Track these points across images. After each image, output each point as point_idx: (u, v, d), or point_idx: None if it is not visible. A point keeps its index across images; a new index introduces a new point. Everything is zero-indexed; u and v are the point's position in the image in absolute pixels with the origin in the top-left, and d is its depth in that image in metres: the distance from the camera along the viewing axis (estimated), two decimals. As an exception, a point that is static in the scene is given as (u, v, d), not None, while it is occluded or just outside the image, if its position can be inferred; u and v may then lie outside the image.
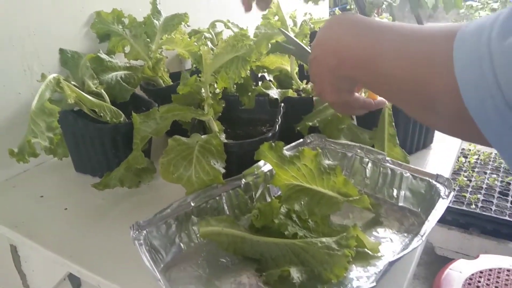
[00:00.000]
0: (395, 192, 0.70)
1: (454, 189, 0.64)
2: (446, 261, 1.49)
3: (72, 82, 0.78)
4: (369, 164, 0.73)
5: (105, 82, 0.80)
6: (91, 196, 0.77)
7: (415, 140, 0.86)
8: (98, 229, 0.69)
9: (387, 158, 0.71)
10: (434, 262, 1.88)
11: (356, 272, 0.56)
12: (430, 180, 0.66)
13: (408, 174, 0.69)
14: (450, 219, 1.80)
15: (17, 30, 0.81)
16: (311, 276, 0.53)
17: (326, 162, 0.64)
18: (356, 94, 0.59)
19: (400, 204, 0.69)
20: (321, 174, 0.63)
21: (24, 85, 0.84)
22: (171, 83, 0.97)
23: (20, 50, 0.83)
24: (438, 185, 0.65)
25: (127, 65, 0.87)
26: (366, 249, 0.59)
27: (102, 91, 0.79)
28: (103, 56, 0.83)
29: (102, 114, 0.76)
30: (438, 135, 0.92)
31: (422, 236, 0.54)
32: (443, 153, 0.89)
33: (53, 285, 0.94)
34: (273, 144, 0.63)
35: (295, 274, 0.52)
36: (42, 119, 0.67)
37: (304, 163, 0.62)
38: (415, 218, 0.67)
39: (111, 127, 0.76)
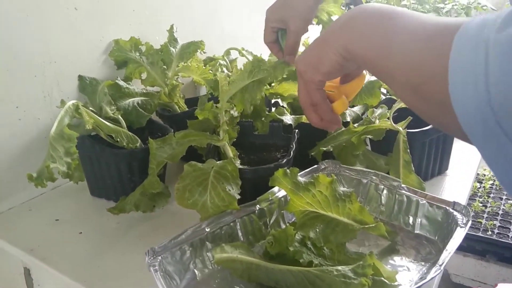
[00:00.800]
0: (411, 220, 0.69)
1: (471, 217, 0.63)
2: (462, 289, 1.45)
3: (90, 108, 0.80)
4: (385, 191, 0.73)
5: (122, 108, 0.82)
6: (105, 221, 0.78)
7: (430, 166, 0.85)
8: (112, 254, 0.69)
9: (403, 185, 0.71)
10: (450, 291, 1.83)
11: (373, 302, 0.55)
12: (447, 207, 0.66)
13: (424, 201, 0.68)
14: (466, 245, 1.76)
15: (39, 57, 0.84)
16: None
17: (341, 189, 0.63)
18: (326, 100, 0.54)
19: (417, 231, 0.68)
20: (336, 201, 0.62)
21: (43, 110, 0.86)
22: (187, 109, 0.98)
23: (41, 76, 0.85)
24: (455, 213, 0.64)
25: (144, 91, 0.89)
26: (382, 278, 0.58)
27: (119, 116, 0.80)
28: (121, 82, 0.85)
29: (118, 140, 0.77)
30: (453, 161, 0.91)
31: (440, 265, 0.53)
32: (458, 179, 0.88)
33: (65, 310, 0.94)
34: (287, 170, 0.63)
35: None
36: (60, 144, 0.68)
37: (319, 190, 0.62)
38: (432, 246, 0.66)
39: (127, 152, 0.77)
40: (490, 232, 1.74)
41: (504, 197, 1.98)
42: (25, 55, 0.82)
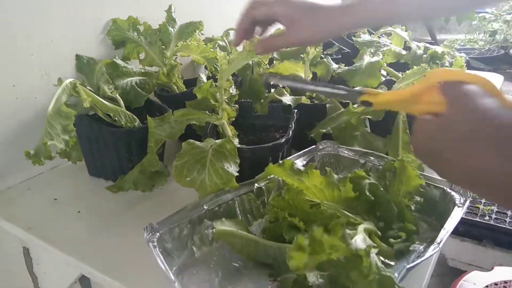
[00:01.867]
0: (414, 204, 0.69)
1: (469, 197, 0.63)
2: (458, 273, 1.47)
3: (88, 88, 0.79)
4: (383, 171, 0.72)
5: (120, 87, 0.81)
6: (104, 200, 0.78)
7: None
8: (110, 232, 0.69)
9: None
10: (447, 274, 1.84)
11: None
12: (445, 188, 0.66)
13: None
14: (463, 230, 1.77)
15: (36, 37, 0.83)
16: (328, 280, 0.53)
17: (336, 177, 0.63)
18: None
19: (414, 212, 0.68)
20: (332, 191, 0.62)
21: (41, 89, 0.86)
22: (185, 89, 0.98)
23: (38, 56, 0.84)
24: (452, 193, 0.64)
25: (142, 71, 0.88)
26: (380, 256, 0.58)
27: (117, 96, 0.79)
28: (119, 61, 0.84)
29: (116, 119, 0.76)
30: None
31: (438, 243, 0.53)
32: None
33: (65, 287, 0.95)
34: (280, 162, 0.63)
35: (311, 278, 0.51)
36: (58, 122, 0.68)
37: (313, 183, 0.62)
38: (429, 226, 0.66)
39: (126, 131, 0.77)
40: (487, 217, 1.75)
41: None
42: (22, 34, 0.81)
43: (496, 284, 1.19)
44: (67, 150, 0.71)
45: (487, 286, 1.19)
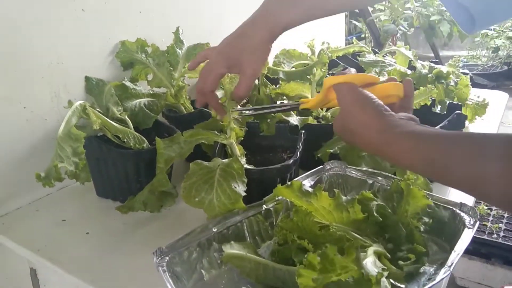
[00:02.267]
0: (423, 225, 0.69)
1: (478, 217, 0.63)
2: (467, 292, 1.45)
3: (97, 109, 0.80)
4: (391, 192, 0.72)
5: (129, 109, 0.82)
6: (112, 221, 0.78)
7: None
8: (119, 254, 0.69)
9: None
10: (455, 294, 1.82)
11: (381, 303, 0.54)
12: (454, 208, 0.65)
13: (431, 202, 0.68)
14: (471, 248, 1.75)
15: (46, 58, 0.85)
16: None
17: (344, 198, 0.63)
18: None
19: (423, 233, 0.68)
20: (341, 213, 0.62)
21: (50, 111, 0.87)
22: (193, 110, 0.99)
23: (48, 78, 0.86)
24: (462, 214, 0.64)
25: (150, 92, 0.89)
26: (390, 279, 0.58)
27: (126, 117, 0.80)
28: (128, 83, 0.86)
29: (125, 140, 0.77)
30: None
31: (449, 266, 0.53)
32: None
33: (71, 310, 0.94)
34: (289, 183, 0.63)
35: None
36: (68, 144, 0.69)
37: (322, 205, 0.62)
38: (438, 248, 0.66)
39: (134, 152, 0.77)
40: (495, 235, 1.73)
41: (509, 200, 1.97)
42: (33, 56, 0.82)
43: (506, 304, 1.17)
44: (76, 172, 0.72)
45: (497, 306, 1.17)
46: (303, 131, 0.80)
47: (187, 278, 0.58)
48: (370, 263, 0.54)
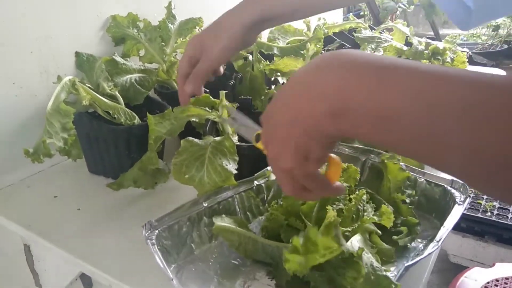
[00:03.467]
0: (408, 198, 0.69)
1: (470, 195, 0.63)
2: (460, 269, 1.46)
3: (87, 85, 0.79)
4: (383, 169, 0.72)
5: (119, 84, 0.81)
6: (104, 197, 0.78)
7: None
8: (110, 230, 0.69)
9: (401, 163, 0.70)
10: (448, 270, 1.85)
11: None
12: (445, 185, 0.65)
13: (423, 179, 0.68)
14: (465, 226, 1.77)
15: (35, 34, 0.83)
16: (327, 280, 0.53)
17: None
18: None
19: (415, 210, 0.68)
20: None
21: (40, 87, 0.86)
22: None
23: (37, 53, 0.84)
24: (453, 190, 0.64)
25: (142, 68, 0.88)
26: (380, 256, 0.58)
27: (117, 93, 0.79)
28: (118, 58, 0.84)
29: (116, 116, 0.76)
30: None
31: (438, 242, 0.53)
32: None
33: (65, 285, 0.95)
34: None
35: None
36: (57, 120, 0.68)
37: None
38: (429, 224, 0.66)
39: (125, 128, 0.77)
40: (489, 213, 1.75)
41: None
42: (21, 31, 0.81)
43: (497, 280, 1.19)
44: (66, 148, 0.72)
45: (488, 282, 1.18)
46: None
47: (177, 252, 0.59)
48: (356, 241, 0.54)
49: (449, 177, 0.66)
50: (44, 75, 0.86)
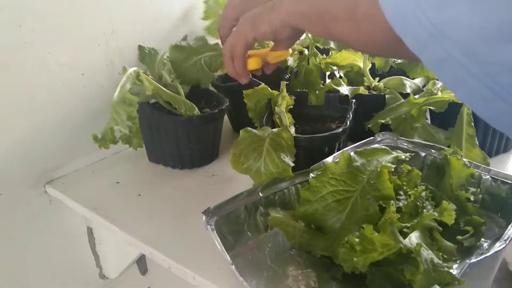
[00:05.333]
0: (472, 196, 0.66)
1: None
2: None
3: (150, 76, 0.82)
4: (444, 165, 0.70)
5: (189, 67, 0.83)
6: (163, 185, 0.81)
7: (495, 143, 0.81)
8: (169, 216, 0.72)
9: (464, 159, 0.68)
10: (507, 279, 1.75)
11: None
12: (513, 183, 0.62)
13: (488, 176, 0.65)
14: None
15: (102, 28, 0.87)
16: (384, 275, 0.52)
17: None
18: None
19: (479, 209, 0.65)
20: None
21: (106, 78, 0.90)
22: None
23: (104, 46, 0.88)
24: (522, 188, 0.61)
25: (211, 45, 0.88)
26: (440, 253, 0.56)
27: (178, 84, 0.82)
28: (183, 43, 0.86)
29: (176, 107, 0.79)
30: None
31: (506, 240, 0.51)
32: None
33: (123, 268, 1.00)
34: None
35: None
36: (122, 108, 0.71)
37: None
38: (494, 223, 0.63)
39: (185, 119, 0.79)
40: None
41: None
42: (89, 25, 0.85)
43: None
44: (130, 136, 0.75)
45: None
46: (354, 101, 0.79)
47: (234, 239, 0.60)
48: (415, 237, 0.53)
49: (517, 175, 0.63)
50: (110, 67, 0.90)
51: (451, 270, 0.49)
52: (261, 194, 0.63)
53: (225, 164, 0.88)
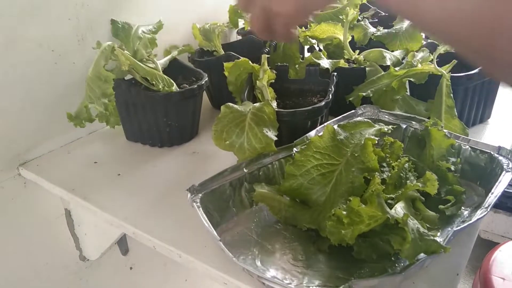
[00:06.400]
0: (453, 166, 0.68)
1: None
2: (490, 245, 1.44)
3: (125, 52, 0.79)
4: (425, 136, 0.70)
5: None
6: (142, 164, 0.79)
7: (472, 114, 0.82)
8: (152, 194, 0.70)
9: (444, 130, 0.68)
10: (479, 246, 1.82)
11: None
12: (492, 152, 0.63)
13: (467, 146, 0.66)
14: (497, 202, 1.73)
15: (72, 2, 0.83)
16: (370, 246, 0.52)
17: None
18: None
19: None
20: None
21: (78, 55, 0.86)
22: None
23: (75, 21, 0.84)
24: (500, 157, 0.62)
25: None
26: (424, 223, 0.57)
27: (154, 59, 0.79)
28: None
29: (154, 83, 0.76)
30: (496, 109, 0.87)
31: (486, 208, 0.52)
32: (501, 128, 0.85)
33: (104, 249, 0.98)
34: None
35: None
36: (97, 85, 0.69)
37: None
38: (473, 192, 0.64)
39: (163, 95, 0.77)
40: (524, 189, 1.70)
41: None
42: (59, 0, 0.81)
43: (533, 255, 1.16)
44: (107, 114, 0.72)
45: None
46: (335, 74, 0.78)
47: (220, 216, 0.59)
48: (400, 208, 0.53)
49: (495, 144, 0.64)
50: (82, 42, 0.86)
51: (436, 238, 0.49)
52: (245, 170, 0.63)
53: (206, 141, 0.86)
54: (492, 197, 0.54)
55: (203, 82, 0.81)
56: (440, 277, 0.53)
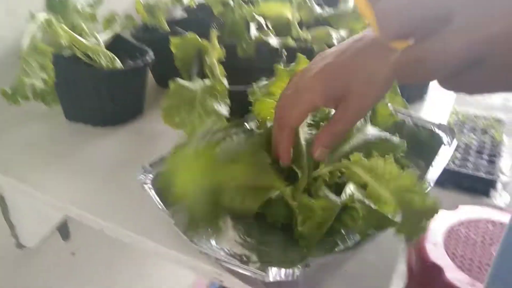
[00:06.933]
0: (395, 141, 0.71)
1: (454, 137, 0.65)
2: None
3: (63, 25, 0.73)
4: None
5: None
6: (85, 144, 0.75)
7: (412, 91, 0.86)
8: (97, 175, 0.67)
9: (389, 104, 0.71)
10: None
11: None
12: (432, 128, 0.67)
13: (410, 122, 0.69)
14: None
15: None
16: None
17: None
18: None
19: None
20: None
21: (7, 28, 0.79)
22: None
23: (2, -10, 0.77)
24: (440, 133, 0.66)
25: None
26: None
27: (97, 34, 0.75)
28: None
29: (96, 59, 0.72)
30: (432, 86, 0.92)
31: (429, 183, 0.55)
32: (438, 104, 0.90)
33: (42, 235, 0.93)
34: None
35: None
36: (34, 59, 0.64)
37: None
38: (416, 167, 0.68)
39: (107, 72, 0.73)
40: (452, 164, 1.84)
41: (464, 131, 2.08)
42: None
43: (461, 223, 1.26)
44: (44, 92, 0.68)
45: (453, 224, 1.26)
46: (285, 52, 0.78)
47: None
48: (349, 189, 0.54)
49: (436, 120, 0.68)
50: (12, 16, 0.79)
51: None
52: (197, 148, 0.61)
53: (152, 119, 0.84)
54: (433, 171, 0.57)
55: (148, 58, 0.78)
56: (387, 245, 0.55)
